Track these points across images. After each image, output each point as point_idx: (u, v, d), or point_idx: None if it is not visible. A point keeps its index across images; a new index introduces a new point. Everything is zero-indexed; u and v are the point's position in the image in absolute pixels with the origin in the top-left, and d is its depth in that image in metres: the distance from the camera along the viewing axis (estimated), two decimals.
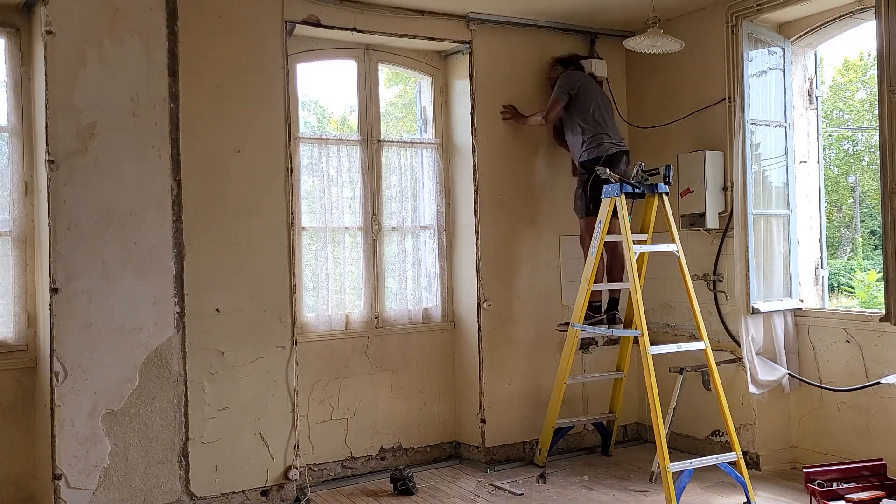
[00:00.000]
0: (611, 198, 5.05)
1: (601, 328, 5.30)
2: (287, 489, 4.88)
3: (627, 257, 4.84)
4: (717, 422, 5.39)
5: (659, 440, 4.57)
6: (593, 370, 5.97)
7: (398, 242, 5.73)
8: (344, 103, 6.20)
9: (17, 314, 4.63)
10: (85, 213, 4.31)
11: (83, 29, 4.32)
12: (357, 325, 5.52)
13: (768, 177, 5.36)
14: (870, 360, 4.91)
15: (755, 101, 5.24)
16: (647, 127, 6.01)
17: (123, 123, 4.42)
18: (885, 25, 4.50)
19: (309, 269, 5.40)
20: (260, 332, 4.80)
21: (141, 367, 4.44)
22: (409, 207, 5.76)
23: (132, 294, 4.42)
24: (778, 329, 5.26)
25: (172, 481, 4.53)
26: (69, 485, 4.24)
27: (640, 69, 6.09)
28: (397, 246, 5.72)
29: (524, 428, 5.75)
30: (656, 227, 5.31)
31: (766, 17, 5.25)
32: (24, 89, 4.65)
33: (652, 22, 4.96)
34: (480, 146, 5.64)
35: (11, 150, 4.65)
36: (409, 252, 5.76)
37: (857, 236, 17.72)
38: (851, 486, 4.45)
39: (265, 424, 4.82)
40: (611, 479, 5.24)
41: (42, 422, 4.48)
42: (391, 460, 5.56)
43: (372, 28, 5.28)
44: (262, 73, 4.85)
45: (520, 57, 5.79)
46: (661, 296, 5.94)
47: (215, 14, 4.71)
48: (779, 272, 5.35)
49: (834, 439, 5.13)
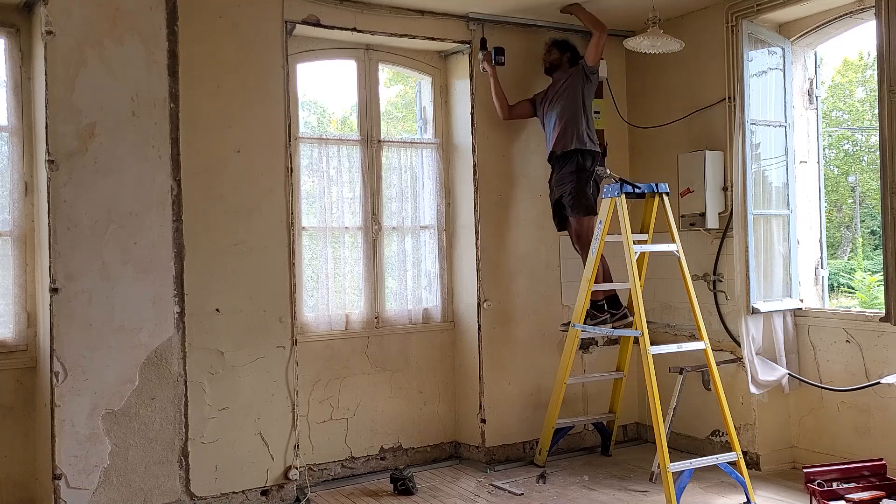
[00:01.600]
0: (611, 198, 5.05)
1: (602, 328, 5.30)
2: (287, 489, 4.88)
3: (627, 257, 4.84)
4: (717, 422, 5.39)
5: (659, 440, 4.57)
6: (593, 370, 5.97)
7: (398, 242, 5.73)
8: (344, 103, 6.20)
9: (17, 314, 4.63)
10: (85, 213, 4.31)
11: (83, 29, 4.32)
12: (357, 325, 5.52)
13: (768, 177, 5.36)
14: (870, 360, 4.91)
15: (755, 101, 5.24)
16: (647, 127, 6.01)
17: (123, 123, 4.42)
18: (885, 25, 4.50)
19: (309, 269, 5.40)
20: (260, 332, 4.80)
21: (141, 367, 4.44)
22: (409, 207, 5.76)
23: (132, 294, 4.42)
24: (778, 329, 5.26)
25: (172, 481, 4.53)
26: (69, 485, 4.24)
27: (640, 69, 6.09)
28: (397, 246, 5.72)
29: (524, 428, 5.75)
30: (656, 227, 5.32)
31: (766, 17, 5.25)
32: (24, 89, 4.65)
33: (652, 22, 4.96)
34: (480, 146, 5.64)
35: (11, 150, 4.65)
36: (409, 252, 5.76)
37: (857, 236, 17.72)
38: (851, 486, 4.45)
39: (265, 424, 4.82)
40: (611, 479, 5.24)
41: (42, 422, 4.48)
42: (391, 460, 5.56)
43: (372, 28, 5.28)
44: (262, 73, 4.85)
45: (520, 57, 5.79)
46: (661, 296, 5.94)
47: (215, 14, 4.71)
48: (779, 272, 5.35)
49: (834, 439, 5.13)
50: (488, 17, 5.60)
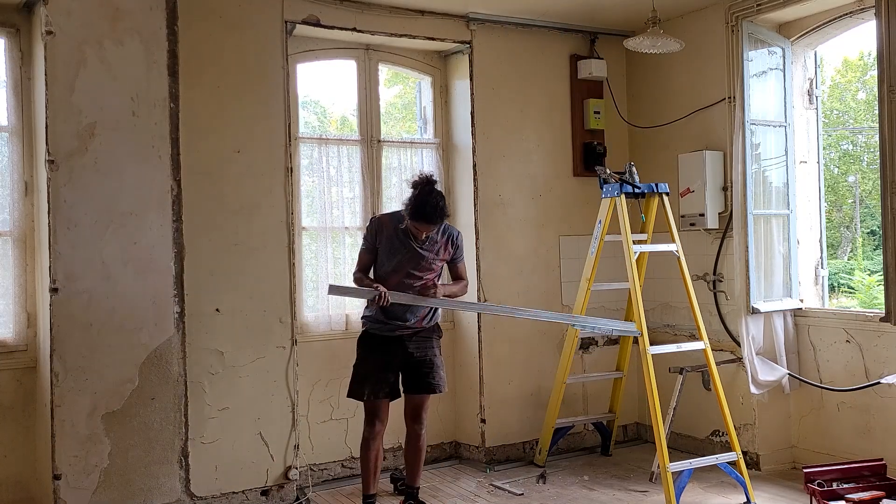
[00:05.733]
0: (611, 198, 5.05)
1: (602, 328, 5.30)
2: (287, 489, 4.88)
3: (627, 257, 4.84)
4: (717, 422, 5.38)
5: (659, 440, 4.57)
6: (593, 370, 5.97)
7: None
8: (344, 103, 6.19)
9: (17, 314, 4.63)
10: (85, 213, 4.31)
11: (83, 29, 4.32)
12: (357, 325, 5.50)
13: (768, 177, 5.36)
14: (870, 360, 4.91)
15: (755, 101, 5.24)
16: (647, 127, 6.01)
17: (123, 123, 4.42)
18: (885, 25, 4.50)
19: (309, 269, 5.40)
20: (260, 332, 4.80)
21: (141, 367, 4.44)
22: None
23: (132, 294, 4.42)
24: (778, 329, 5.26)
25: (172, 481, 4.53)
26: (69, 485, 4.24)
27: (640, 69, 6.09)
28: None
29: (524, 428, 5.75)
30: (656, 227, 5.32)
31: (766, 17, 5.25)
32: (24, 89, 4.65)
33: (652, 22, 4.96)
34: (480, 146, 5.64)
35: (11, 150, 4.65)
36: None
37: (857, 236, 17.71)
38: (851, 486, 4.45)
39: (265, 424, 4.82)
40: (611, 479, 5.24)
41: (42, 422, 4.48)
42: (391, 460, 5.56)
43: (372, 28, 5.28)
44: (262, 73, 4.84)
45: (520, 57, 5.79)
46: (661, 296, 5.94)
47: (215, 14, 4.71)
48: (779, 272, 5.35)
49: (834, 439, 5.13)
50: (488, 17, 5.60)
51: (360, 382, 4.48)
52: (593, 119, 6.00)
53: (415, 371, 4.51)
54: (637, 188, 5.03)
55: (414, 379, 4.53)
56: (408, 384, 4.56)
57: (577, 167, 6.00)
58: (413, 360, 4.50)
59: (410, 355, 4.49)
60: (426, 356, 4.52)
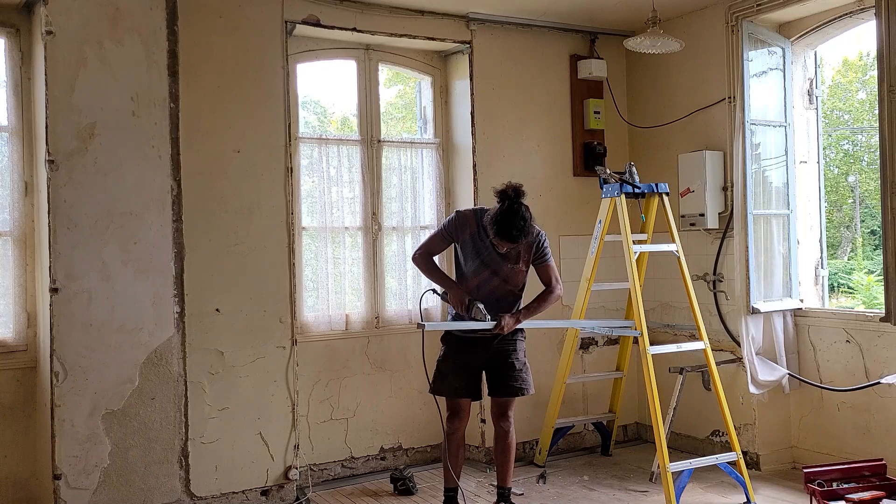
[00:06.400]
0: (611, 198, 5.05)
1: (602, 327, 5.30)
2: (287, 489, 4.88)
3: (627, 257, 4.84)
4: (717, 422, 5.38)
5: (659, 440, 4.57)
6: (593, 370, 5.97)
7: (398, 242, 5.73)
8: (344, 103, 6.20)
9: (17, 314, 4.63)
10: (85, 213, 4.31)
11: (83, 29, 4.32)
12: (357, 325, 5.52)
13: (768, 177, 5.36)
14: (870, 360, 4.91)
15: (755, 101, 5.24)
16: (647, 127, 6.01)
17: (123, 123, 4.42)
18: (885, 25, 4.50)
19: (309, 269, 5.40)
20: (260, 332, 4.80)
21: (141, 367, 4.44)
22: (409, 207, 5.76)
23: (132, 294, 4.42)
24: (778, 329, 5.26)
25: (172, 481, 4.53)
26: (69, 485, 4.24)
27: (640, 69, 6.09)
28: (397, 246, 5.72)
29: (524, 428, 5.73)
30: (656, 227, 5.32)
31: (766, 17, 5.25)
32: (24, 89, 4.65)
33: (652, 22, 4.96)
34: (480, 146, 5.64)
35: (11, 150, 4.65)
36: (409, 252, 5.74)
37: (857, 236, 17.71)
38: (851, 486, 4.45)
39: (265, 424, 4.82)
40: (611, 479, 5.24)
41: (42, 422, 4.48)
42: (391, 460, 5.56)
43: (372, 28, 5.28)
44: (262, 73, 4.85)
45: (520, 57, 5.79)
46: (661, 296, 5.94)
47: (215, 14, 4.71)
48: (779, 272, 5.35)
49: (834, 439, 5.13)
50: (488, 16, 5.60)
51: (441, 380, 4.43)
52: (593, 119, 6.00)
53: (498, 373, 4.45)
54: (637, 188, 5.02)
55: (497, 381, 4.46)
56: (491, 386, 4.50)
57: (577, 167, 6.00)
58: (495, 363, 4.44)
59: (493, 357, 4.43)
60: (509, 358, 4.45)
